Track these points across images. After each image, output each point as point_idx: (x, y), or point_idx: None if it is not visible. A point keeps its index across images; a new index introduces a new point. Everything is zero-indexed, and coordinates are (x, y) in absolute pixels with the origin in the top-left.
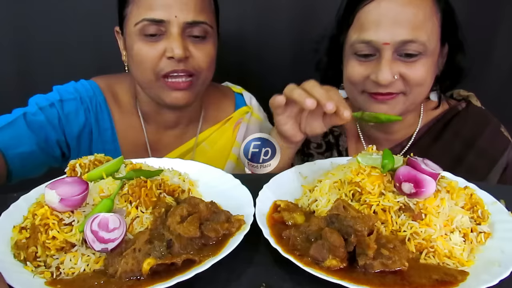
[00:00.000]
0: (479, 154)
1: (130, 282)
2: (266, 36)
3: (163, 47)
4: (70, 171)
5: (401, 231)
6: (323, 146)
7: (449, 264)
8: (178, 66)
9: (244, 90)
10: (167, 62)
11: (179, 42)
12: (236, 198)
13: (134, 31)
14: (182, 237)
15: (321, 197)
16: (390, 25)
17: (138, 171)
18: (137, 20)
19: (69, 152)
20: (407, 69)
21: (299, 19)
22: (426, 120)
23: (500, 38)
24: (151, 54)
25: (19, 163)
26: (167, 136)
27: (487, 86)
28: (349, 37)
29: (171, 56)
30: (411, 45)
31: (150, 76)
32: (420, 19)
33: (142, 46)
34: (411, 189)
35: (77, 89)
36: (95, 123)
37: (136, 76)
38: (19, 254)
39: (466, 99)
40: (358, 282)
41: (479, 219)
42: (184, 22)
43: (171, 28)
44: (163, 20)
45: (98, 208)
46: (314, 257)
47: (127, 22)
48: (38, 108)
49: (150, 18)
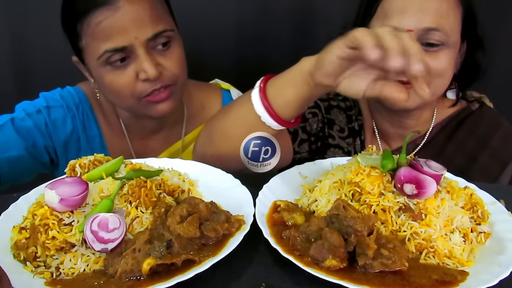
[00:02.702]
0: (491, 154)
1: (130, 282)
2: (266, 35)
3: (134, 71)
4: (70, 171)
5: (401, 231)
6: (345, 130)
7: (449, 264)
8: (156, 85)
9: (232, 87)
10: (143, 84)
11: (148, 62)
12: (236, 198)
13: (98, 64)
14: (182, 237)
15: (321, 197)
16: (415, 12)
17: (138, 171)
18: (99, 53)
19: (57, 159)
20: (429, 58)
21: (299, 18)
22: (440, 119)
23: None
24: (125, 81)
25: (7, 168)
26: (152, 141)
27: (490, 86)
28: (370, 27)
29: (146, 78)
30: (435, 34)
31: (132, 101)
32: (444, 9)
33: (112, 76)
34: (413, 190)
35: (63, 96)
36: (82, 131)
37: (116, 103)
38: (18, 254)
39: (479, 100)
40: (358, 282)
41: (479, 219)
42: (145, 39)
43: (135, 50)
44: (125, 46)
45: (98, 208)
46: (314, 257)
47: (86, 55)
48: (26, 114)
49: (111, 49)
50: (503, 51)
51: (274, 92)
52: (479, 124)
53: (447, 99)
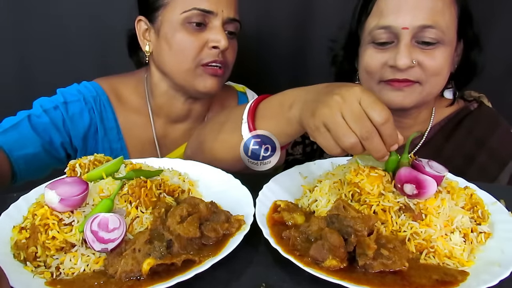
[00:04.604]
0: (490, 154)
1: (130, 282)
2: (267, 34)
3: (206, 38)
4: (70, 171)
5: (401, 231)
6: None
7: (449, 264)
8: (218, 57)
9: (247, 89)
10: (209, 52)
11: (224, 34)
12: (236, 198)
13: (178, 19)
14: (182, 237)
15: (321, 197)
16: (410, 10)
17: (138, 171)
18: (186, 8)
19: (74, 154)
20: (425, 56)
21: (299, 17)
22: (438, 119)
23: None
24: (194, 44)
25: (23, 165)
26: (175, 130)
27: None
28: (367, 25)
29: (216, 46)
30: (430, 31)
31: (190, 65)
32: (439, 6)
33: (185, 35)
34: (413, 190)
35: (80, 90)
36: (100, 122)
37: (169, 64)
38: (19, 254)
39: (477, 100)
40: (358, 282)
41: (479, 219)
42: (227, 17)
43: (215, 21)
44: (212, 11)
45: (98, 208)
46: (314, 257)
47: (166, 9)
48: (43, 111)
49: (200, 8)
50: (497, 50)
51: (264, 127)
52: (477, 124)
53: (445, 98)
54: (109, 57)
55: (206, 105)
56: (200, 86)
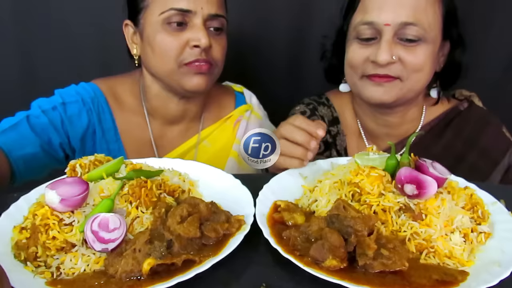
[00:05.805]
0: (481, 154)
1: (130, 282)
2: (265, 34)
3: (187, 38)
4: (70, 171)
5: (401, 231)
6: (321, 146)
7: (449, 264)
8: (201, 56)
9: (245, 88)
10: (190, 52)
11: (204, 32)
12: (236, 198)
13: (157, 21)
14: (182, 237)
15: (321, 197)
16: (393, 7)
17: (138, 171)
18: (164, 9)
19: (73, 155)
20: (406, 53)
21: (297, 16)
22: (428, 119)
23: (492, 34)
24: (175, 44)
25: (23, 165)
26: (171, 131)
27: (480, 84)
28: (353, 21)
29: (197, 45)
30: (412, 29)
31: (173, 65)
32: (422, 4)
33: (165, 36)
34: (414, 191)
35: (78, 91)
36: (98, 123)
37: (154, 66)
38: (19, 254)
39: (468, 99)
40: (358, 282)
41: (479, 219)
42: (208, 14)
43: (195, 19)
44: (190, 10)
45: (98, 208)
46: (314, 257)
47: (147, 12)
48: (41, 111)
49: (177, 8)
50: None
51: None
52: (467, 124)
53: (434, 98)
54: (111, 57)
55: (201, 105)
56: (187, 84)
